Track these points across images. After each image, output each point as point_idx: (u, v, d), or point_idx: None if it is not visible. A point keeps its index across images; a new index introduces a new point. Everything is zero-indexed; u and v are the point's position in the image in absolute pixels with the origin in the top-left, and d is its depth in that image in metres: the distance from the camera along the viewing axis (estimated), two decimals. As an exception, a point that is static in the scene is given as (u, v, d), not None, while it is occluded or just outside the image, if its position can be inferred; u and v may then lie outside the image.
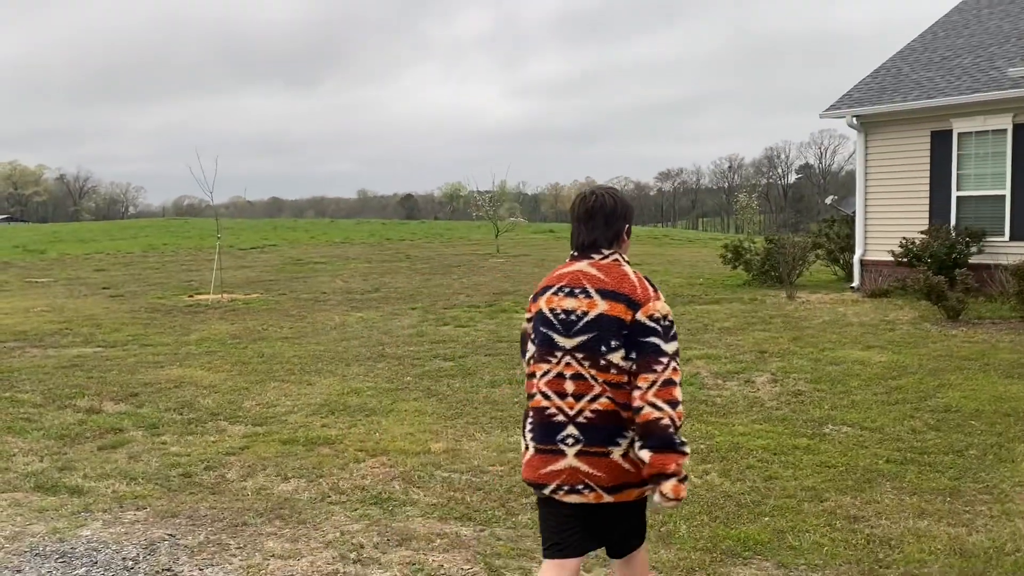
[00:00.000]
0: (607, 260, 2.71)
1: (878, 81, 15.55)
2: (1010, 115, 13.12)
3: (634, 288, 2.62)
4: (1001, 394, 7.00)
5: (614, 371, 2.57)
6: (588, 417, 2.59)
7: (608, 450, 2.60)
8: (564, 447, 2.62)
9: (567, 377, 2.64)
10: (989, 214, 13.51)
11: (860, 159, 15.23)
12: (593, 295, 2.64)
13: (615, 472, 2.60)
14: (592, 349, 2.60)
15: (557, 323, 2.68)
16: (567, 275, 2.73)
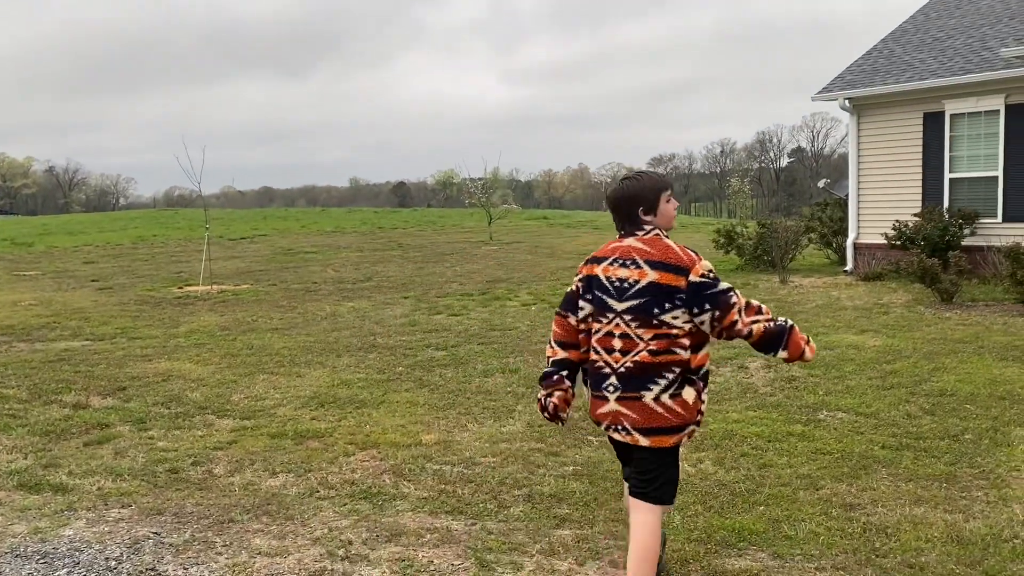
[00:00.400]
0: (649, 235, 3.18)
1: (870, 63, 15.46)
2: (1002, 96, 13.05)
3: (680, 258, 3.08)
4: (996, 377, 6.95)
5: (665, 328, 3.06)
6: (627, 367, 3.09)
7: (640, 395, 3.09)
8: (607, 393, 3.17)
9: (615, 336, 3.13)
10: (982, 196, 13.46)
11: (853, 142, 15.15)
12: (643, 265, 3.10)
13: (646, 414, 3.08)
14: (644, 311, 3.07)
15: (612, 289, 3.15)
16: (619, 249, 3.19)
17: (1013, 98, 12.95)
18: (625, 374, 3.10)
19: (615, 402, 3.14)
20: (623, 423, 3.13)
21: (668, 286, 3.06)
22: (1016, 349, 7.99)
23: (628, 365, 3.10)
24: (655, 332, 3.05)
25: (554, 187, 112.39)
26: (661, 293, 3.06)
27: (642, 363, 3.07)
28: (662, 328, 3.06)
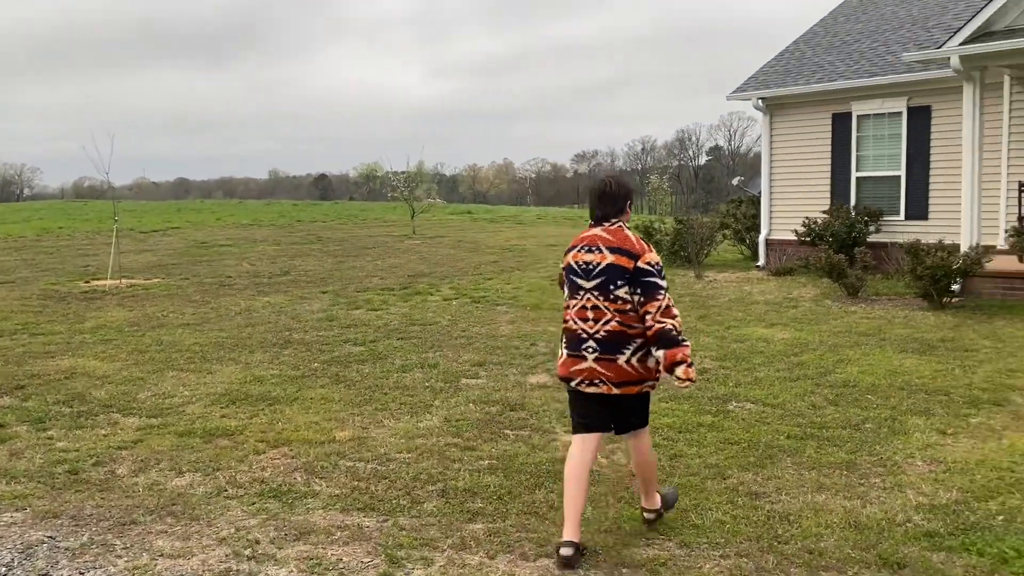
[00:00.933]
0: (614, 227, 3.88)
1: (782, 64, 15.91)
2: (905, 98, 13.61)
3: (633, 246, 3.78)
4: (896, 368, 7.25)
5: (620, 302, 3.76)
6: (603, 334, 3.77)
7: (615, 357, 3.77)
8: (586, 354, 3.80)
9: (588, 308, 3.82)
10: (886, 194, 14.02)
11: (765, 141, 15.58)
12: (604, 251, 3.80)
13: (620, 372, 3.77)
14: (604, 287, 3.78)
15: (581, 271, 3.86)
16: (587, 238, 3.91)
17: (915, 100, 13.52)
18: (602, 340, 3.78)
19: (593, 361, 3.80)
20: (600, 378, 3.80)
21: (621, 267, 3.76)
22: (915, 341, 8.35)
23: (603, 333, 3.77)
24: (614, 305, 3.76)
25: (479, 181, 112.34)
26: (615, 272, 3.77)
27: (614, 331, 3.76)
28: (617, 302, 3.75)
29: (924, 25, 14.71)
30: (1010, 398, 6.24)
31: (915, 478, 4.71)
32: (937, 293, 10.13)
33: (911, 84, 13.34)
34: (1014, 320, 9.27)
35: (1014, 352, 7.70)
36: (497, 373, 7.56)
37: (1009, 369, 7.07)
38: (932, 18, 14.80)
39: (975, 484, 4.55)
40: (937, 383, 6.71)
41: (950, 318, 9.53)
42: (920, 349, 7.99)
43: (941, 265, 9.92)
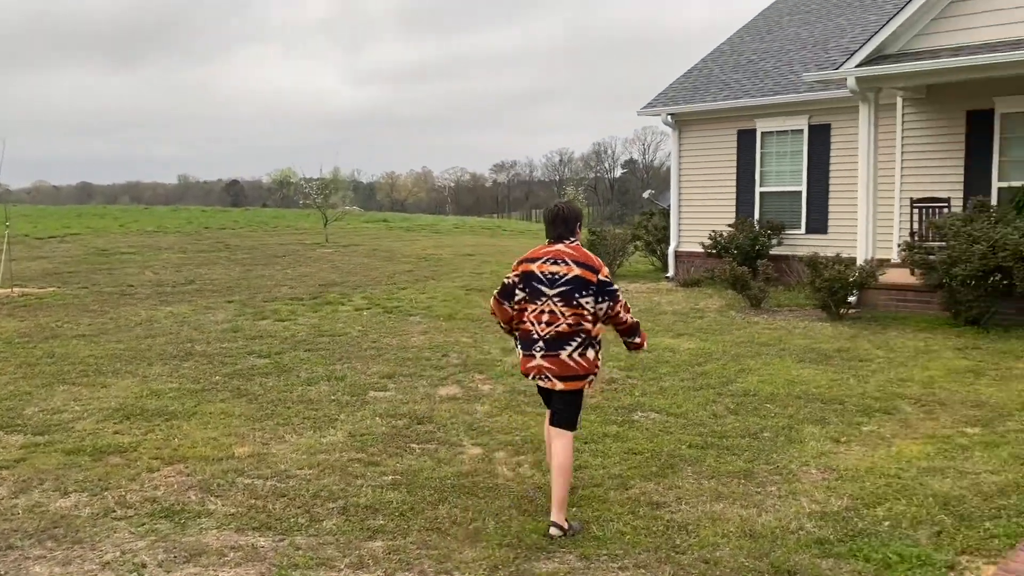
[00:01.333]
0: (573, 244, 4.46)
1: (691, 81, 16.33)
2: (806, 116, 14.14)
3: (594, 262, 4.39)
4: (794, 378, 7.48)
5: (580, 308, 4.30)
6: (551, 335, 4.33)
7: (558, 353, 4.32)
8: (535, 352, 4.38)
9: (546, 312, 4.34)
10: (788, 209, 14.52)
11: (674, 155, 15.95)
12: (571, 264, 4.34)
13: (562, 367, 4.33)
14: (568, 296, 4.30)
15: (546, 280, 4.35)
16: (551, 252, 4.41)
17: (815, 119, 14.06)
18: (548, 339, 4.34)
19: (540, 358, 4.37)
20: (546, 373, 4.37)
21: (586, 279, 4.32)
22: (813, 351, 8.65)
23: (552, 334, 4.33)
24: (573, 311, 4.31)
25: (397, 190, 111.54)
26: (580, 284, 4.32)
27: (562, 332, 4.32)
28: (578, 309, 4.31)
29: (824, 47, 15.32)
30: (899, 406, 6.50)
31: (809, 486, 4.85)
32: (835, 304, 10.52)
33: (812, 103, 13.87)
34: (905, 331, 9.70)
35: (904, 362, 8.04)
36: (406, 385, 7.48)
37: (900, 379, 7.38)
38: (832, 40, 15.43)
39: (864, 491, 4.72)
40: (832, 392, 6.95)
41: (847, 329, 9.91)
42: (817, 359, 8.27)
43: (838, 278, 10.31)
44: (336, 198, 30.55)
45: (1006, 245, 9.00)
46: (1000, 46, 10.18)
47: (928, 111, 12.57)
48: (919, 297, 10.85)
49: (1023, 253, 8.84)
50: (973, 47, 10.46)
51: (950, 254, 9.36)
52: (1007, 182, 11.88)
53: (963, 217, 9.80)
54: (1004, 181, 11.93)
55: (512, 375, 7.84)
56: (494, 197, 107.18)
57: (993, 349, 8.48)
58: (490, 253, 22.76)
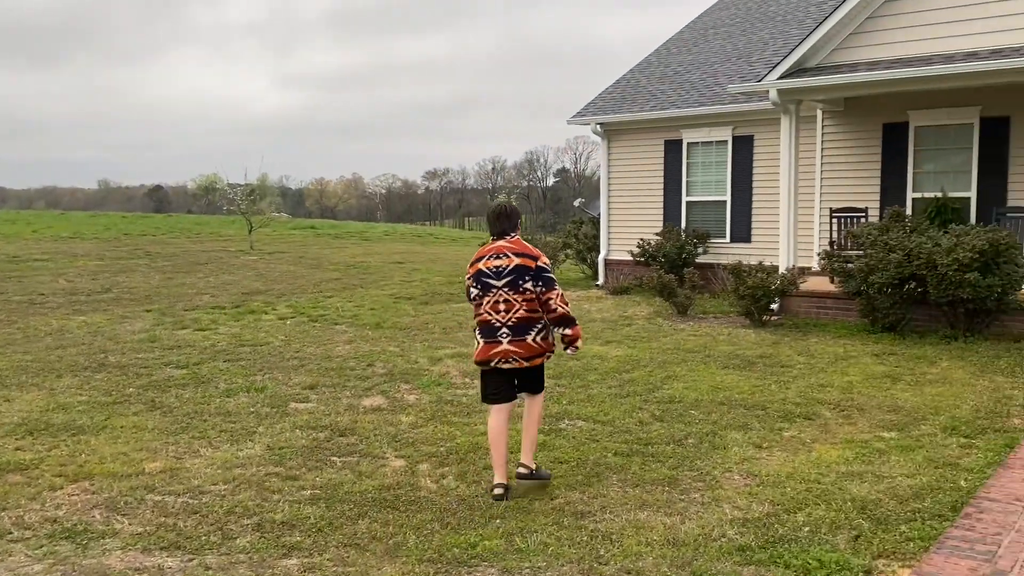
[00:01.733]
0: (513, 239, 4.98)
1: (619, 91, 16.50)
2: (730, 127, 14.42)
3: (531, 251, 4.91)
4: (718, 384, 7.56)
5: (528, 294, 4.82)
6: (514, 321, 4.83)
7: (525, 338, 4.84)
8: (501, 338, 4.83)
9: (500, 302, 4.84)
10: (713, 218, 14.77)
11: (604, 164, 16.08)
12: (511, 256, 4.87)
13: (529, 349, 4.86)
14: (514, 283, 4.83)
15: (492, 274, 4.87)
16: (493, 248, 4.94)
17: (739, 130, 14.35)
18: (513, 326, 4.83)
19: (508, 343, 4.84)
20: (513, 356, 4.85)
21: (526, 267, 4.85)
22: (737, 358, 8.77)
23: (514, 320, 4.83)
24: (522, 296, 4.82)
25: (327, 196, 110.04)
26: (522, 271, 4.85)
27: (523, 318, 4.84)
28: (525, 293, 4.82)
29: (748, 59, 15.67)
30: (819, 412, 6.62)
31: (731, 492, 4.88)
32: (758, 312, 10.71)
33: (736, 115, 14.15)
34: (824, 337, 9.93)
35: (824, 368, 8.22)
36: (329, 396, 7.30)
37: (820, 384, 7.53)
38: (755, 53, 15.79)
39: (785, 496, 4.76)
40: (755, 398, 7.04)
41: (769, 335, 10.09)
42: (741, 365, 8.39)
43: (761, 285, 10.50)
44: (263, 204, 29.91)
45: (920, 254, 9.30)
46: (915, 61, 10.54)
47: (846, 123, 12.95)
48: (838, 304, 11.13)
49: (936, 262, 9.14)
50: (889, 61, 10.81)
51: (868, 262, 9.62)
52: (921, 192, 12.31)
53: (879, 226, 10.10)
54: (918, 192, 12.36)
55: (439, 384, 7.74)
56: (426, 204, 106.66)
57: (909, 354, 8.73)
58: (420, 261, 22.58)
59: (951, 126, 12.04)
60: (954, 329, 9.47)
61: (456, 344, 9.82)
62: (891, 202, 12.56)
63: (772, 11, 17.50)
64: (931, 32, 10.64)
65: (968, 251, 8.89)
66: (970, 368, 8.05)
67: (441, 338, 10.27)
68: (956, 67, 9.90)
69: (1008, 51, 9.91)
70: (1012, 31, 10.04)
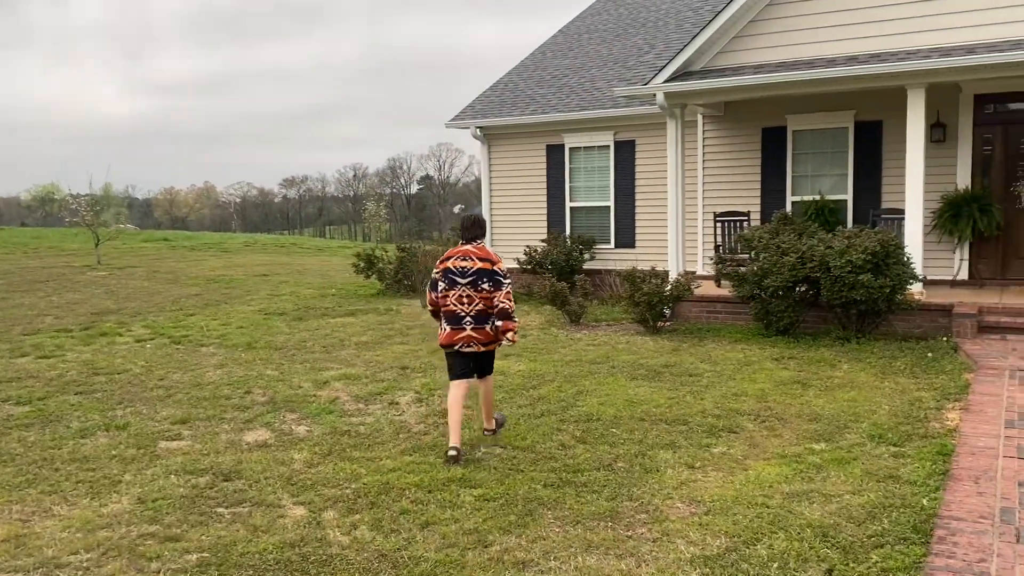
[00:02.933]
0: (479, 244, 5.89)
1: (498, 94, 16.09)
2: (612, 132, 14.26)
3: (492, 257, 5.83)
4: (632, 397, 7.18)
5: (484, 292, 5.73)
6: (475, 312, 5.74)
7: (484, 326, 5.76)
8: (465, 326, 5.73)
9: (464, 296, 5.73)
10: (597, 224, 14.58)
11: (485, 169, 15.60)
12: (475, 260, 5.77)
13: (486, 335, 5.77)
14: (475, 283, 5.73)
15: (458, 272, 5.76)
16: (461, 251, 5.83)
17: (620, 135, 14.22)
18: (475, 316, 5.72)
19: (471, 330, 5.72)
20: (474, 341, 5.74)
21: (486, 270, 5.74)
22: (642, 368, 8.45)
23: (475, 312, 5.72)
24: (479, 294, 5.71)
25: (177, 206, 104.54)
26: (483, 273, 5.74)
27: (482, 311, 5.73)
28: (482, 292, 5.72)
29: (625, 64, 15.61)
30: (741, 424, 6.34)
31: (680, 524, 4.44)
32: (652, 318, 10.50)
33: (617, 119, 14.01)
34: (720, 342, 9.80)
35: (732, 375, 8.01)
36: (205, 432, 6.40)
37: (733, 393, 7.28)
38: (631, 58, 15.76)
39: (739, 526, 4.37)
40: (673, 412, 6.70)
41: (666, 342, 9.88)
42: (649, 376, 8.07)
43: (657, 292, 10.29)
44: (108, 215, 27.70)
45: (813, 256, 9.31)
46: (799, 64, 10.63)
47: (726, 128, 13.03)
48: (728, 308, 11.09)
49: (830, 264, 9.16)
50: (773, 65, 10.87)
51: (762, 266, 9.56)
52: (800, 196, 12.51)
53: (770, 229, 10.09)
54: (797, 195, 12.56)
55: (330, 412, 6.99)
56: (284, 213, 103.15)
57: (808, 358, 8.68)
58: (287, 273, 21.41)
59: (827, 130, 12.30)
60: (846, 330, 9.55)
61: (341, 364, 9.04)
62: (771, 206, 12.73)
63: (644, 17, 17.59)
64: (809, 37, 10.77)
65: (861, 253, 8.95)
66: (871, 371, 8.05)
67: (324, 358, 9.46)
68: (836, 71, 10.02)
69: (886, 55, 10.14)
70: (889, 36, 10.28)
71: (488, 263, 5.79)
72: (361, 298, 15.36)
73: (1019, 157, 11.22)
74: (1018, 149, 11.22)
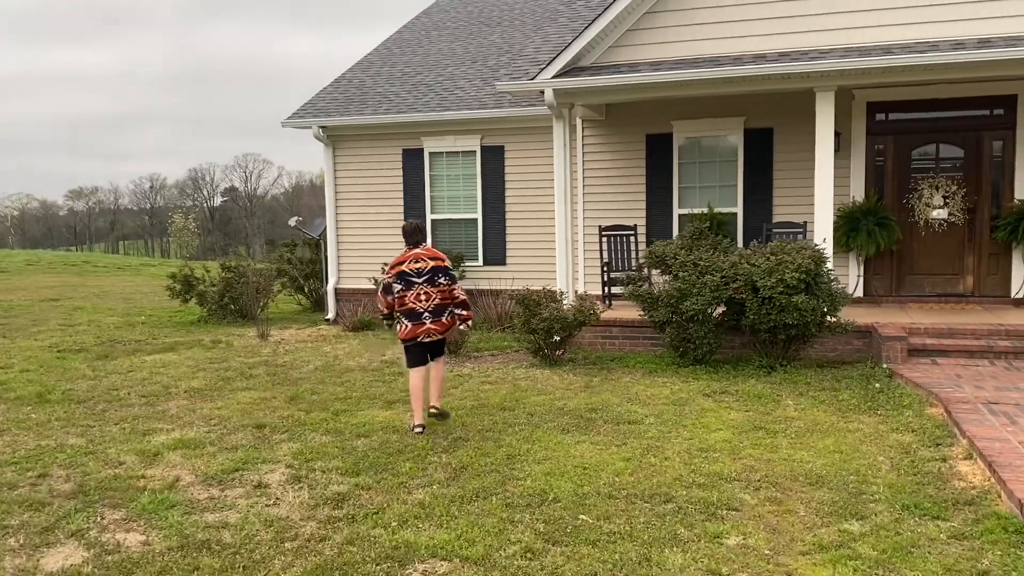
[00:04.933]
0: (425, 246, 6.65)
1: (342, 91, 14.15)
2: (478, 136, 12.76)
3: (441, 256, 6.65)
4: (581, 462, 5.64)
5: (440, 286, 6.54)
6: (433, 307, 6.51)
7: (441, 317, 6.55)
8: (424, 320, 6.48)
9: (421, 293, 6.47)
10: (464, 238, 13.00)
11: (329, 176, 13.59)
12: (427, 260, 6.55)
13: (443, 326, 6.59)
14: (432, 279, 6.52)
15: (414, 273, 6.49)
16: (412, 254, 6.56)
17: (488, 139, 12.74)
18: (433, 310, 6.49)
19: (430, 323, 6.49)
20: (433, 332, 6.52)
21: (440, 267, 6.57)
22: (565, 413, 6.94)
23: (433, 306, 6.49)
24: (437, 289, 6.52)
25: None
26: (438, 270, 6.55)
27: (439, 303, 6.52)
28: (439, 286, 6.53)
29: (485, 62, 14.18)
30: (735, 496, 4.97)
31: None
32: (549, 348, 9.06)
33: (485, 121, 12.52)
34: (633, 373, 8.51)
35: (676, 420, 6.67)
36: None
37: (697, 448, 5.93)
38: (491, 57, 14.36)
39: None
40: (645, 483, 5.22)
41: (572, 376, 8.45)
42: (580, 425, 6.57)
43: (558, 317, 8.85)
44: None
45: (738, 275, 8.23)
46: (703, 61, 9.60)
47: (608, 134, 11.90)
48: (626, 333, 9.87)
49: (756, 284, 8.11)
50: (672, 62, 9.79)
51: (680, 287, 8.37)
52: (688, 208, 11.57)
53: (683, 245, 8.94)
54: (684, 208, 11.61)
55: (172, 505, 4.95)
56: (71, 227, 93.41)
57: (742, 393, 7.53)
58: (82, 297, 18.26)
59: (716, 137, 11.44)
60: (768, 357, 8.52)
61: (173, 423, 6.90)
62: (658, 219, 11.71)
63: (497, 16, 16.27)
64: (714, 32, 9.79)
65: (794, 271, 7.96)
66: (824, 408, 7.00)
67: (146, 414, 7.25)
68: (747, 69, 9.06)
69: (795, 54, 9.31)
70: (798, 34, 9.47)
71: (439, 261, 6.59)
72: (179, 327, 12.88)
73: (910, 169, 10.83)
74: (909, 160, 10.83)
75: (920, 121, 10.71)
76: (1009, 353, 8.33)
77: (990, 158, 10.51)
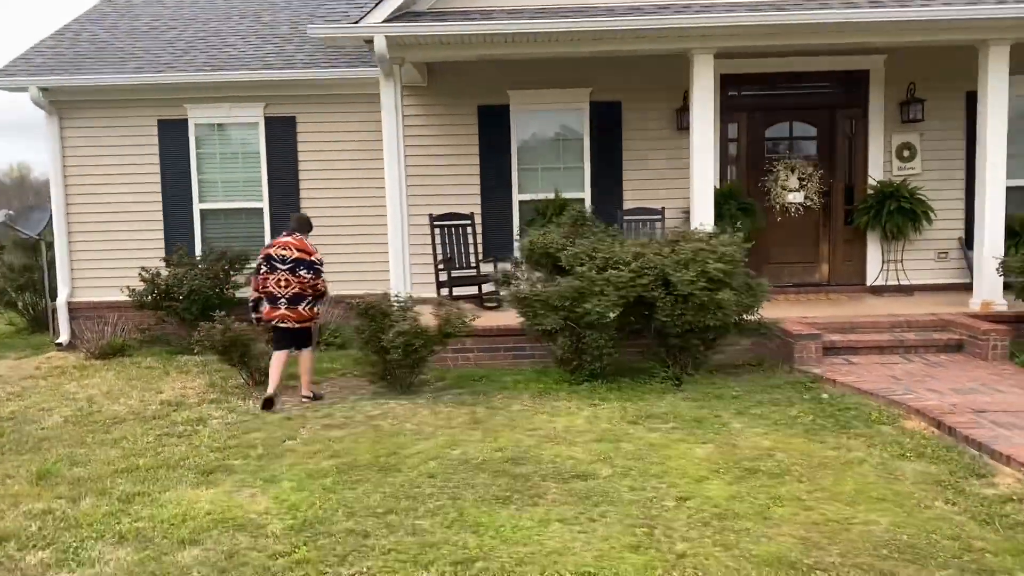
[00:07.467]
0: (299, 237, 6.87)
1: (68, 45, 10.80)
2: (261, 105, 10.17)
3: (308, 248, 6.83)
4: (578, 567, 3.67)
5: (301, 277, 6.73)
6: (291, 295, 6.72)
7: (297, 306, 6.75)
8: (280, 305, 6.73)
9: (281, 280, 6.71)
10: (245, 233, 10.30)
11: (56, 155, 10.24)
12: (293, 250, 6.76)
13: (299, 315, 6.77)
14: (293, 269, 6.72)
15: (278, 260, 6.74)
16: (282, 242, 6.82)
17: (274, 109, 10.18)
18: (290, 296, 6.71)
19: (285, 309, 6.72)
20: (287, 319, 6.74)
21: (304, 260, 6.77)
22: (481, 469, 4.90)
23: (291, 294, 6.70)
24: (297, 279, 6.72)
25: None
26: (300, 262, 6.76)
27: (297, 293, 6.73)
28: (300, 277, 6.73)
29: (259, 18, 11.54)
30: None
31: None
32: (410, 370, 6.93)
33: (270, 85, 9.95)
34: (520, 399, 6.64)
35: (640, 468, 4.90)
36: None
37: (714, 516, 4.19)
38: (266, 13, 11.73)
39: None
40: (681, 585, 3.38)
41: (444, 408, 6.41)
42: (515, 488, 4.57)
43: (419, 332, 6.73)
44: None
45: (645, 268, 6.64)
46: (565, 11, 7.90)
47: (431, 103, 9.90)
48: (481, 346, 8.03)
49: (670, 277, 6.58)
50: (533, 10, 8.00)
51: (578, 285, 6.62)
52: (530, 194, 9.90)
53: (565, 233, 7.21)
54: (525, 193, 9.92)
55: None
56: None
57: (676, 416, 5.95)
58: None
59: (537, 111, 9.87)
60: (675, 367, 7.04)
61: None
62: (496, 206, 9.94)
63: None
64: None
65: (717, 260, 6.53)
66: (786, 430, 5.60)
67: None
68: (628, 21, 7.54)
69: (649, 8, 7.92)
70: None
71: (305, 254, 6.79)
72: None
73: (763, 148, 9.98)
74: (762, 140, 9.97)
75: (774, 97, 9.89)
76: (920, 347, 7.55)
77: (844, 138, 9.92)
